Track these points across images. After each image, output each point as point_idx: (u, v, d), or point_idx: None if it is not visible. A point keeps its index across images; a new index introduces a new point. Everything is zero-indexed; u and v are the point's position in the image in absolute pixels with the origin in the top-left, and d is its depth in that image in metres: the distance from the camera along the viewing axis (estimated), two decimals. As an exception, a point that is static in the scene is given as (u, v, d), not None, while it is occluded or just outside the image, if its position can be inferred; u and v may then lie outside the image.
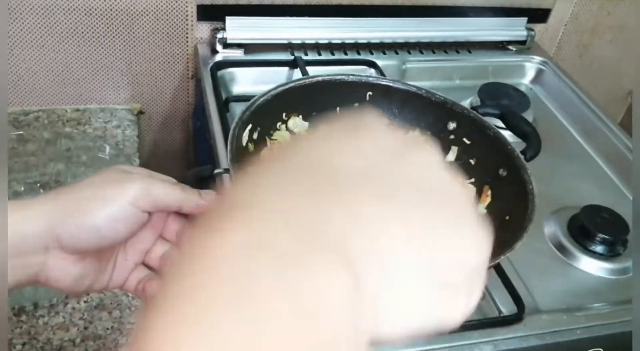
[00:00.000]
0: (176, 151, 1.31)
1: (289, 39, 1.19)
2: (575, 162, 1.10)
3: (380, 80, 0.90)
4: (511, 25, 1.30)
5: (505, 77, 1.28)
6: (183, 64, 1.18)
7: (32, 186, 0.90)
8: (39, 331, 0.77)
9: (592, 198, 0.98)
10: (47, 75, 1.12)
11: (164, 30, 1.13)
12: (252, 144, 0.82)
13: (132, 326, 0.79)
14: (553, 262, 0.90)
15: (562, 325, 0.79)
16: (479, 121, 0.86)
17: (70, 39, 1.09)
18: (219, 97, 1.04)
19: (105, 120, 1.14)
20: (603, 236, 0.89)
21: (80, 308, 0.80)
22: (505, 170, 0.82)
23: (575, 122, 1.19)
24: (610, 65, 1.51)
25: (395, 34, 1.24)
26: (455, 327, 0.31)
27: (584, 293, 0.85)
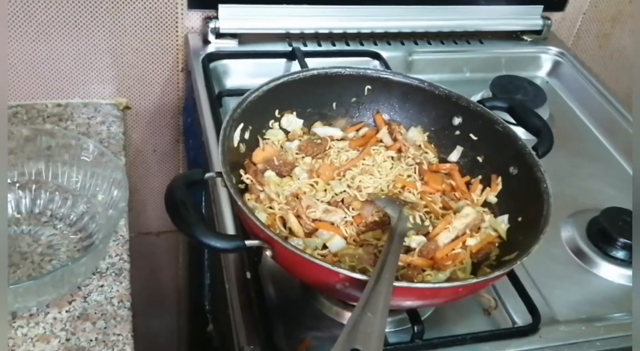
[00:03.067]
0: (165, 149, 1.32)
1: (286, 28, 1.19)
2: (595, 161, 1.11)
3: (379, 73, 0.91)
4: (526, 13, 1.30)
5: (520, 69, 1.28)
6: (172, 56, 1.19)
7: (10, 187, 0.91)
8: (17, 343, 0.77)
9: (613, 200, 0.98)
10: (26, 68, 1.12)
11: (151, 19, 1.13)
12: (243, 144, 0.82)
13: (118, 337, 0.79)
14: (571, 269, 0.90)
15: (581, 336, 0.79)
16: (486, 115, 0.86)
17: (51, 28, 1.09)
18: (211, 91, 1.04)
19: (89, 116, 1.15)
20: (625, 241, 0.90)
21: (62, 318, 0.80)
22: (516, 168, 0.82)
23: (595, 118, 1.19)
24: (632, 57, 1.51)
25: (401, 23, 1.24)
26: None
27: (604, 302, 0.85)
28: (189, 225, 0.66)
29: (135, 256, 0.94)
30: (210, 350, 1.10)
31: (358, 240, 0.76)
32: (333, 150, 0.87)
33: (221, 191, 0.88)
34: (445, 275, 0.72)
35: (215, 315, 1.09)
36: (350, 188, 0.81)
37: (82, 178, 0.91)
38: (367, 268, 0.71)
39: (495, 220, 0.81)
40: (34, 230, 0.90)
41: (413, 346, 0.74)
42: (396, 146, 0.88)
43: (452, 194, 0.85)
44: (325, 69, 0.88)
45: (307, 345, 0.74)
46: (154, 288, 1.50)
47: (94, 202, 0.91)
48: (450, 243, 0.76)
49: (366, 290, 0.60)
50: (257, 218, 0.68)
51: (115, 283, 0.86)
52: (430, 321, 0.78)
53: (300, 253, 0.64)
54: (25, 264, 0.86)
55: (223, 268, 0.83)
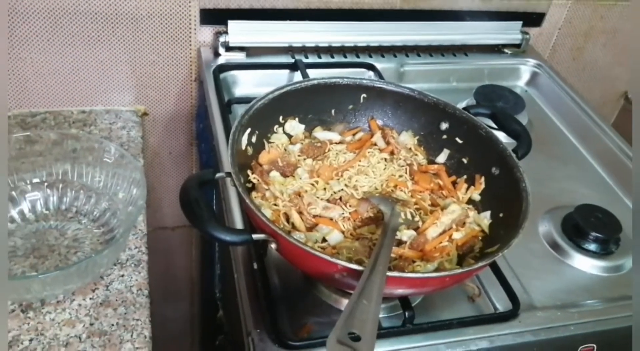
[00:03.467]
0: (179, 152, 1.32)
1: (289, 42, 1.19)
2: (569, 163, 1.11)
3: (373, 83, 0.91)
4: (506, 28, 1.30)
5: (501, 79, 1.28)
6: (186, 67, 1.19)
7: (39, 185, 0.91)
8: (46, 327, 0.77)
9: (585, 198, 0.98)
10: (54, 78, 1.12)
11: (167, 34, 1.13)
12: (251, 147, 0.82)
13: (137, 322, 0.79)
14: (547, 260, 0.90)
15: (556, 321, 0.79)
16: (470, 121, 0.86)
17: (76, 42, 1.09)
18: (222, 99, 1.04)
19: (111, 122, 1.15)
20: (596, 234, 0.90)
21: (86, 304, 0.80)
22: (498, 168, 0.82)
23: (569, 124, 1.19)
24: (603, 68, 1.51)
25: (393, 37, 1.24)
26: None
27: (577, 290, 0.85)
28: (201, 220, 0.66)
29: (153, 249, 0.94)
30: (220, 334, 1.10)
31: (354, 234, 0.76)
32: (332, 152, 0.87)
33: (230, 190, 0.88)
34: (434, 265, 0.72)
35: (225, 303, 1.09)
36: (347, 187, 0.81)
37: (104, 178, 0.91)
38: (362, 260, 0.71)
39: (479, 216, 0.81)
40: (60, 225, 0.90)
41: (404, 330, 0.74)
42: (389, 149, 0.88)
43: (439, 192, 0.85)
44: (325, 79, 0.88)
45: (308, 329, 0.74)
46: (170, 278, 1.50)
47: (115, 199, 0.91)
48: (438, 237, 0.76)
49: (362, 279, 0.60)
50: (263, 214, 0.68)
51: (135, 273, 0.86)
52: (420, 307, 0.78)
53: (302, 246, 0.64)
54: (53, 256, 0.86)
55: (232, 259, 0.83)
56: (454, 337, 0.75)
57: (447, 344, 0.74)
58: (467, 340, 0.75)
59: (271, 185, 0.79)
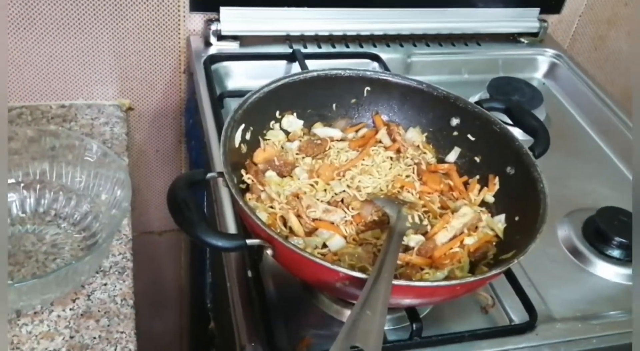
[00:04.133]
0: (167, 150, 1.32)
1: (287, 30, 1.19)
2: (591, 161, 1.11)
3: (378, 75, 0.91)
4: (523, 16, 1.31)
5: (517, 71, 1.28)
6: (175, 57, 1.19)
7: (15, 187, 0.91)
8: (22, 340, 0.77)
9: (608, 200, 0.98)
10: (31, 69, 1.12)
11: (154, 21, 1.13)
12: (245, 145, 0.82)
13: (121, 335, 0.79)
14: (567, 267, 0.90)
15: (577, 334, 0.79)
16: (484, 116, 0.86)
17: (55, 30, 1.09)
18: (213, 93, 1.04)
19: (92, 117, 1.15)
20: (620, 240, 0.90)
21: (66, 316, 0.80)
22: (513, 168, 0.82)
23: (591, 119, 1.19)
24: (627, 59, 1.51)
25: (399, 25, 1.24)
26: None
27: (600, 300, 0.85)
28: (191, 224, 0.66)
29: (138, 255, 0.94)
30: (212, 348, 1.10)
31: (357, 239, 0.76)
32: (333, 150, 0.87)
33: (223, 191, 0.88)
34: (444, 273, 0.72)
35: (216, 313, 1.09)
36: (349, 188, 0.81)
37: (85, 178, 0.91)
38: (366, 267, 0.71)
39: (493, 220, 0.81)
40: (38, 229, 0.90)
41: (412, 343, 0.74)
42: (395, 147, 0.88)
43: (450, 194, 0.85)
44: (325, 71, 0.88)
45: (307, 343, 0.74)
46: (157, 287, 1.50)
47: (97, 201, 0.91)
48: (448, 243, 0.76)
49: (365, 288, 0.60)
50: (258, 217, 0.68)
51: (119, 282, 0.86)
52: (428, 319, 0.78)
53: (300, 252, 0.64)
54: (30, 263, 0.86)
55: (224, 266, 0.83)
56: (465, 351, 0.75)
57: (459, 358, 0.74)
58: (480, 354, 0.75)
59: (267, 186, 0.79)
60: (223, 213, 0.86)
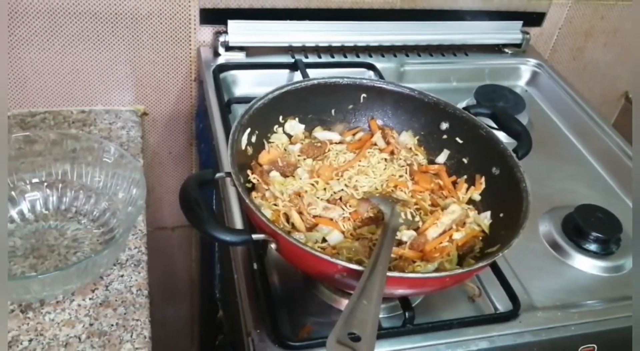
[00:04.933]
0: (179, 152, 1.32)
1: (289, 42, 1.19)
2: (570, 163, 1.11)
3: (374, 83, 0.91)
4: (507, 28, 1.30)
5: (501, 79, 1.28)
6: (186, 67, 1.19)
7: (39, 185, 0.91)
8: (45, 327, 0.77)
9: (586, 198, 0.98)
10: (54, 78, 1.12)
11: (167, 34, 1.13)
12: (250, 147, 0.82)
13: (137, 322, 0.79)
14: (548, 260, 0.90)
15: (557, 321, 0.79)
16: (471, 121, 0.86)
17: (76, 42, 1.09)
18: (221, 99, 1.04)
19: (110, 122, 1.15)
20: (597, 235, 0.90)
21: (86, 305, 0.80)
22: (498, 168, 0.82)
23: (570, 124, 1.19)
24: (603, 68, 1.51)
25: (393, 37, 1.24)
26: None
27: (578, 290, 0.85)
28: (201, 220, 0.66)
29: (152, 249, 0.94)
30: (220, 335, 1.10)
31: (354, 234, 0.76)
32: (332, 152, 0.87)
33: (230, 190, 0.88)
34: (434, 266, 0.72)
35: (225, 303, 1.09)
36: (347, 187, 0.81)
37: (104, 178, 0.91)
38: (362, 260, 0.71)
39: (479, 216, 0.81)
40: (60, 225, 0.90)
41: (404, 330, 0.74)
42: (389, 149, 0.88)
43: (440, 193, 0.85)
44: (325, 79, 0.88)
45: (308, 329, 0.74)
46: (169, 278, 1.50)
47: (114, 199, 0.91)
48: (438, 237, 0.76)
49: (362, 279, 0.60)
50: (263, 214, 0.68)
51: (134, 273, 0.86)
52: (420, 307, 0.78)
53: (302, 246, 0.64)
54: (53, 256, 0.86)
55: (232, 260, 0.83)
56: (454, 337, 0.75)
57: (447, 344, 0.74)
58: (467, 340, 0.75)
59: (271, 185, 0.79)
60: (230, 210, 0.86)
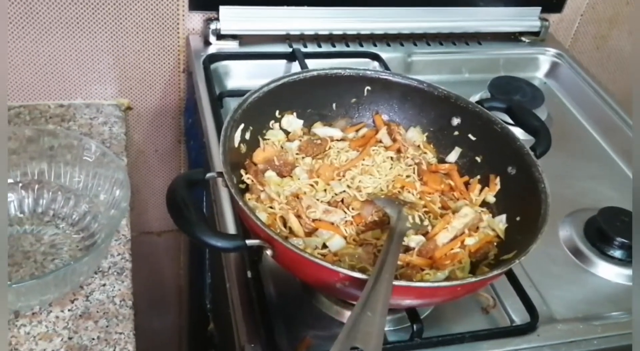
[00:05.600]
0: (166, 150, 1.32)
1: (287, 29, 1.19)
2: (592, 161, 1.11)
3: (378, 74, 0.91)
4: (524, 15, 1.31)
5: (518, 70, 1.28)
6: (174, 57, 1.19)
7: (13, 187, 0.91)
8: (20, 341, 0.77)
9: (610, 200, 0.98)
10: (29, 69, 1.12)
11: (153, 20, 1.13)
12: (244, 145, 0.82)
13: (120, 335, 0.79)
14: (568, 268, 0.90)
15: (579, 335, 0.79)
16: (485, 116, 0.86)
17: (53, 30, 1.09)
18: (212, 92, 1.04)
19: (91, 117, 1.15)
20: (622, 240, 0.90)
21: (65, 316, 0.80)
22: (515, 168, 0.82)
23: (593, 119, 1.19)
24: (629, 58, 1.51)
25: (400, 24, 1.24)
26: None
27: (601, 301, 0.86)
28: (190, 224, 0.66)
29: (137, 255, 0.94)
30: (211, 349, 1.10)
31: (358, 240, 0.76)
32: (333, 150, 0.87)
33: (222, 191, 0.88)
34: (444, 274, 0.72)
35: (216, 314, 1.09)
36: (350, 188, 0.81)
37: (84, 178, 0.91)
38: (366, 268, 0.71)
39: (494, 220, 0.81)
40: (36, 230, 0.90)
41: (412, 344, 0.74)
42: (395, 146, 0.88)
43: (450, 194, 0.85)
44: (325, 70, 0.88)
45: (307, 343, 0.74)
46: (156, 287, 1.50)
47: (96, 201, 0.91)
48: (449, 243, 0.76)
49: (366, 289, 0.60)
50: (258, 217, 0.68)
51: (117, 282, 0.86)
52: (429, 319, 0.78)
53: (300, 252, 0.64)
54: (28, 263, 0.86)
55: (224, 267, 0.83)
56: (466, 352, 0.75)
57: (460, 360, 0.74)
58: (481, 355, 0.75)
59: (267, 186, 0.79)
60: (222, 214, 0.86)
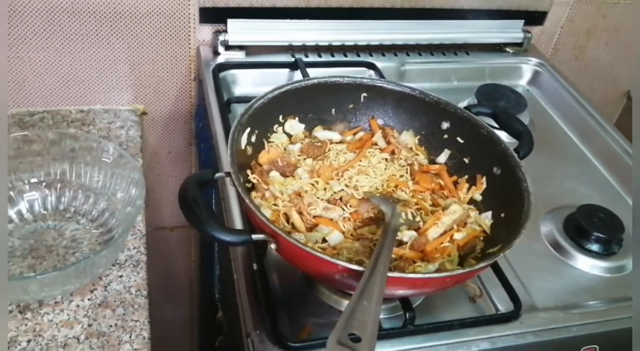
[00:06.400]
0: (178, 152, 1.32)
1: (289, 41, 1.19)
2: (572, 162, 1.11)
3: (374, 82, 0.91)
4: (508, 27, 1.30)
5: (503, 78, 1.28)
6: (185, 66, 1.19)
7: (37, 185, 0.91)
8: (44, 328, 0.77)
9: (588, 198, 0.98)
10: (52, 77, 1.12)
11: (166, 32, 1.13)
12: (250, 147, 0.82)
13: (136, 323, 0.79)
14: (549, 261, 0.90)
15: (559, 322, 0.79)
16: (472, 120, 0.86)
17: (74, 41, 1.09)
18: (221, 98, 1.04)
19: (109, 121, 1.15)
20: (599, 235, 0.90)
21: (85, 305, 0.80)
22: (500, 168, 0.82)
23: (572, 123, 1.19)
24: (605, 67, 1.51)
25: (394, 36, 1.24)
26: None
27: (579, 291, 0.85)
28: (200, 220, 0.66)
29: (151, 249, 0.94)
30: (220, 336, 1.10)
31: (355, 235, 0.76)
32: (332, 152, 0.87)
33: (230, 190, 0.88)
34: (435, 266, 0.72)
35: (224, 304, 1.09)
36: (347, 187, 0.81)
37: (103, 177, 0.91)
38: (363, 260, 0.71)
39: (480, 216, 0.81)
40: (59, 225, 0.90)
41: (405, 331, 0.74)
42: (390, 149, 0.88)
43: (440, 192, 0.85)
44: (325, 78, 0.88)
45: (308, 330, 0.74)
46: (168, 279, 1.50)
47: (113, 199, 0.91)
48: (439, 238, 0.76)
49: (362, 280, 0.60)
50: (263, 214, 0.68)
51: (133, 274, 0.86)
52: (421, 308, 0.78)
53: (302, 246, 0.64)
54: (51, 256, 0.86)
55: (232, 260, 0.83)
56: (455, 338, 0.75)
57: (448, 345, 0.74)
58: (468, 341, 0.75)
59: (271, 185, 0.79)
60: (230, 210, 0.86)
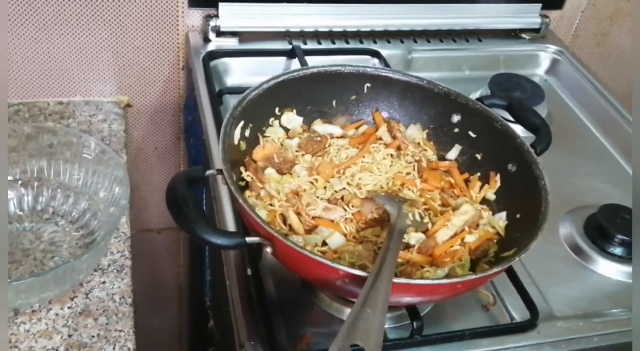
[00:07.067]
0: (166, 147, 1.32)
1: (286, 26, 1.19)
2: (593, 158, 1.11)
3: (379, 71, 0.91)
4: (524, 11, 1.30)
5: (518, 67, 1.28)
6: (173, 54, 1.19)
7: (13, 184, 0.91)
8: (20, 338, 0.77)
9: (610, 197, 0.98)
10: (28, 66, 1.12)
11: (152, 18, 1.13)
12: (244, 142, 0.82)
13: (120, 333, 0.79)
14: (568, 265, 0.90)
15: (578, 332, 0.79)
16: (485, 113, 0.86)
17: (52, 27, 1.09)
18: (212, 89, 1.04)
19: (90, 114, 1.15)
20: (622, 237, 0.90)
21: (64, 314, 0.80)
22: (515, 165, 0.82)
23: (593, 116, 1.19)
24: (630, 55, 1.51)
25: (400, 21, 1.24)
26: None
27: (601, 298, 0.86)
28: (189, 222, 0.66)
29: (137, 253, 0.94)
30: (211, 346, 1.10)
31: (358, 237, 0.76)
32: (333, 147, 0.87)
33: (222, 188, 0.88)
34: (444, 271, 0.72)
35: (216, 312, 1.09)
36: (350, 185, 0.81)
37: (83, 175, 0.91)
38: (366, 265, 0.71)
39: (494, 217, 0.81)
40: (36, 227, 0.90)
41: (412, 342, 0.74)
42: (395, 144, 0.88)
43: (450, 191, 0.85)
44: (325, 67, 0.88)
45: (307, 341, 0.74)
46: (155, 285, 1.50)
47: (95, 199, 0.91)
48: (449, 240, 0.76)
49: (366, 286, 0.60)
50: (258, 215, 0.68)
51: (117, 280, 0.86)
52: (429, 317, 0.78)
53: (300, 249, 0.64)
54: (28, 261, 0.86)
55: (224, 264, 0.83)
56: (466, 349, 0.75)
57: (459, 357, 0.74)
58: (480, 353, 0.75)
59: (266, 184, 0.79)
60: (222, 211, 0.86)
